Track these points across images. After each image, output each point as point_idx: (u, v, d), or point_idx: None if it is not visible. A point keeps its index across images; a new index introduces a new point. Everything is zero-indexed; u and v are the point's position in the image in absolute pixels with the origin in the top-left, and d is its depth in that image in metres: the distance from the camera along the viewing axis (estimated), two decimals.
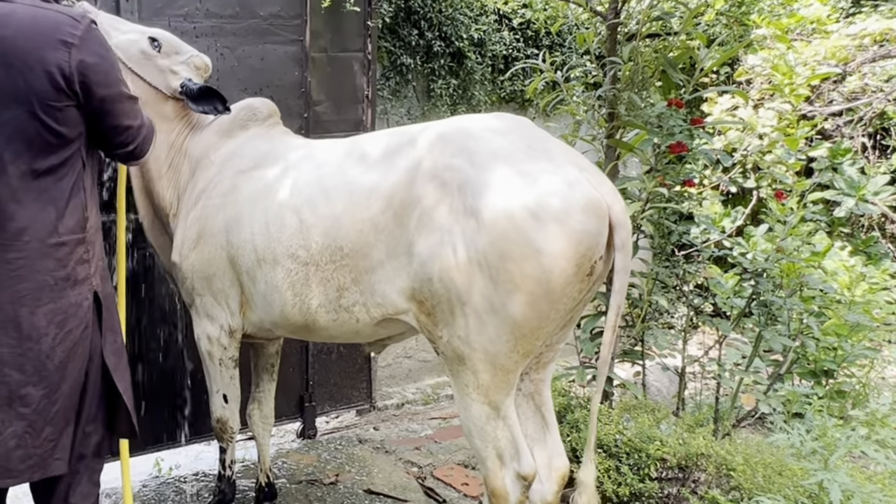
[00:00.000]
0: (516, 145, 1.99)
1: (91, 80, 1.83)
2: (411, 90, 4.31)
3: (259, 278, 2.40)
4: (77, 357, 1.91)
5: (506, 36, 4.62)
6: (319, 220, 2.24)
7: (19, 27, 1.76)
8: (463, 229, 1.93)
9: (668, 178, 2.85)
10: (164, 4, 3.22)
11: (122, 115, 1.96)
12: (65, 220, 1.86)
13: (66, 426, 1.93)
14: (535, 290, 1.88)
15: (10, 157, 1.79)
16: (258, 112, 2.70)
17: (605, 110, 2.98)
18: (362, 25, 3.73)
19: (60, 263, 1.85)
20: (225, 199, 2.49)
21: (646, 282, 2.88)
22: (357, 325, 2.27)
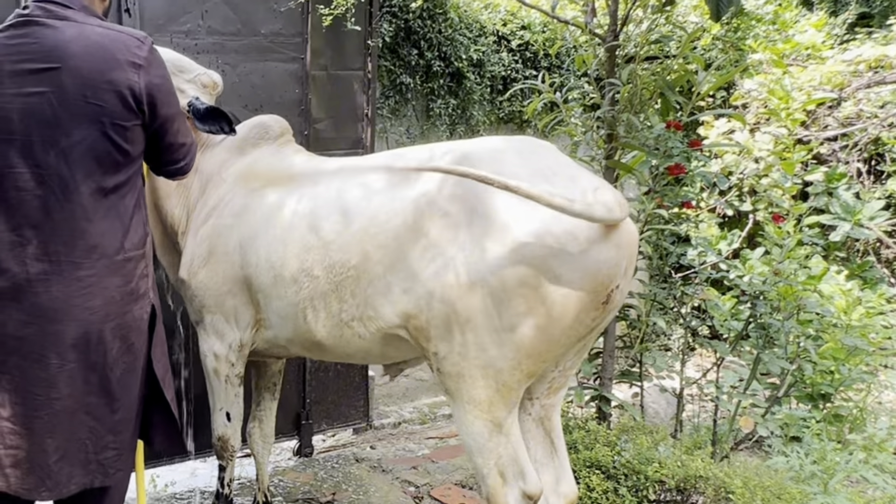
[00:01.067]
0: (537, 170, 1.98)
1: (157, 100, 1.89)
2: (411, 109, 4.36)
3: (274, 296, 2.40)
4: (136, 369, 1.96)
5: (504, 57, 4.69)
6: (337, 237, 2.25)
7: (90, 48, 1.82)
8: (473, 251, 1.92)
9: (667, 199, 2.89)
10: (165, 21, 3.26)
11: (179, 133, 2.04)
12: (129, 236, 1.91)
13: (131, 439, 1.99)
14: (547, 316, 1.86)
15: (81, 176, 1.83)
16: (270, 130, 2.71)
17: (604, 131, 3.02)
18: (363, 44, 3.77)
19: (126, 279, 1.90)
20: (238, 219, 2.49)
21: (644, 303, 2.91)
22: (362, 343, 2.26)
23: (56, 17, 1.85)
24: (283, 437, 3.65)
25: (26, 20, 1.86)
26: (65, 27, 1.84)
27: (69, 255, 1.84)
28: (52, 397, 1.84)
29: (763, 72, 5.50)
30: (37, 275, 1.83)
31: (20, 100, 1.81)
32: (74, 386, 1.86)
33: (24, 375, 1.84)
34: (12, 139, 1.83)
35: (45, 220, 1.83)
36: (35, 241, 1.83)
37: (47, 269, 1.83)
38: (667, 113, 3.03)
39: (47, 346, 1.83)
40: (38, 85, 1.81)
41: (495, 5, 4.78)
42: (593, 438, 2.75)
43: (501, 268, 1.89)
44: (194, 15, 3.30)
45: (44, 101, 1.81)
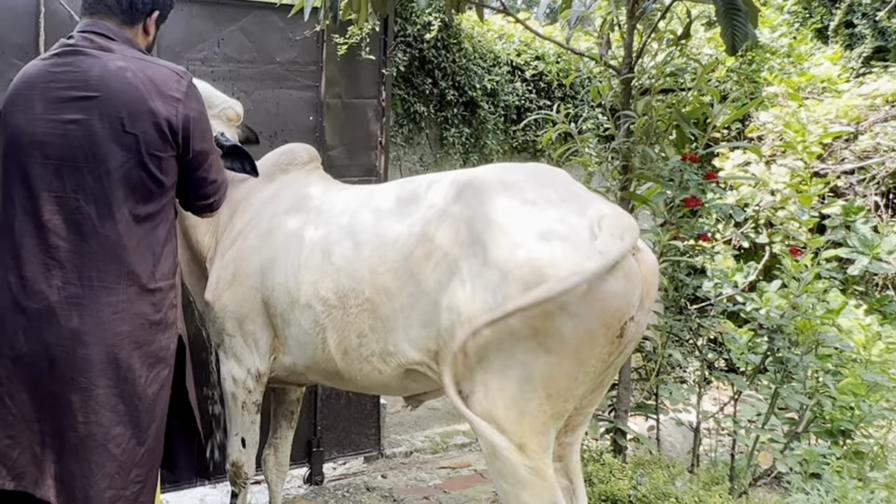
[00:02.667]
0: (547, 198, 1.98)
1: (192, 133, 1.98)
2: (424, 138, 4.45)
3: (292, 321, 2.44)
4: (162, 400, 2.02)
5: (519, 87, 4.79)
6: (347, 264, 2.28)
7: (131, 79, 1.91)
8: (484, 283, 1.92)
9: (682, 231, 2.94)
10: (182, 48, 3.38)
11: (211, 168, 2.12)
12: (160, 265, 1.99)
13: (153, 469, 2.02)
14: (559, 350, 1.85)
15: (116, 203, 1.91)
16: (298, 157, 2.81)
17: (619, 163, 3.08)
18: (377, 73, 3.87)
19: (156, 308, 1.97)
20: (261, 242, 2.56)
21: (659, 335, 2.94)
22: (382, 377, 2.27)
23: (100, 48, 1.95)
24: (294, 465, 3.65)
25: (71, 49, 1.95)
26: (107, 58, 1.94)
27: (101, 280, 1.90)
28: (80, 421, 1.89)
29: (778, 104, 5.58)
30: (68, 298, 1.89)
31: (60, 126, 1.90)
32: (102, 413, 1.90)
33: (55, 397, 1.90)
34: (49, 164, 1.91)
35: (79, 244, 1.90)
36: (68, 265, 1.89)
37: (79, 293, 1.89)
38: (682, 145, 3.09)
39: (77, 369, 1.89)
40: (78, 112, 1.89)
41: (509, 36, 4.88)
42: (608, 471, 2.75)
43: (508, 300, 1.87)
44: (210, 43, 3.42)
45: (83, 127, 1.89)
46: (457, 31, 4.42)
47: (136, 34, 2.07)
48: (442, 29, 4.28)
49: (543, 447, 1.96)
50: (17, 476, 1.92)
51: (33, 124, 1.92)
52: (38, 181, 1.92)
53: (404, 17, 4.18)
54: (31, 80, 1.97)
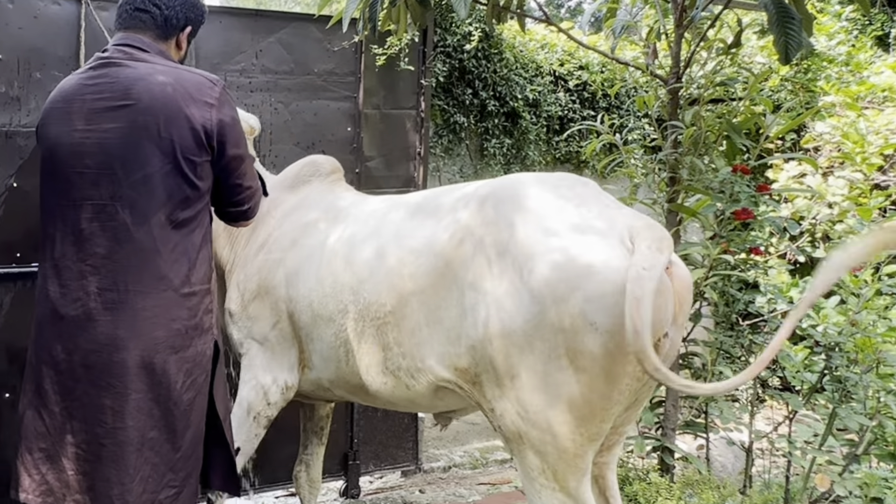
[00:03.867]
0: (575, 209, 1.98)
1: (226, 139, 2.09)
2: (464, 148, 4.54)
3: (315, 335, 2.49)
4: (198, 406, 2.10)
5: (561, 97, 4.87)
6: (370, 276, 2.32)
7: (166, 86, 2.02)
8: (510, 297, 1.92)
9: (733, 245, 2.98)
10: (220, 60, 3.54)
11: (244, 175, 2.22)
12: (196, 270, 2.08)
13: (189, 477, 2.10)
14: (590, 367, 1.84)
15: (153, 208, 2.01)
16: (321, 168, 2.89)
17: (666, 174, 3.14)
18: (416, 84, 3.97)
19: (191, 312, 2.06)
20: (285, 254, 2.62)
21: (709, 351, 2.98)
22: (409, 393, 2.29)
23: (134, 59, 2.07)
24: (330, 478, 3.75)
25: (106, 62, 2.07)
26: (142, 67, 2.05)
27: (136, 285, 1.99)
28: (117, 426, 1.97)
29: (836, 114, 5.59)
30: (104, 304, 1.98)
31: (97, 135, 2.00)
32: (138, 418, 1.98)
33: (91, 403, 1.99)
34: (87, 173, 2.01)
35: (115, 250, 1.99)
36: (104, 271, 1.99)
37: (115, 297, 1.99)
38: (733, 156, 3.13)
39: (113, 374, 1.97)
40: (115, 121, 2.00)
41: (552, 45, 4.96)
42: (655, 491, 2.76)
43: (533, 316, 1.88)
44: (248, 54, 3.58)
45: (119, 135, 1.99)
46: (498, 41, 4.52)
47: (169, 47, 2.21)
48: (482, 39, 4.37)
49: (581, 470, 1.95)
50: (44, 492, 2.00)
51: (71, 136, 2.03)
52: (76, 191, 2.02)
53: (444, 28, 4.29)
54: (67, 94, 2.09)
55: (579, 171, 5.09)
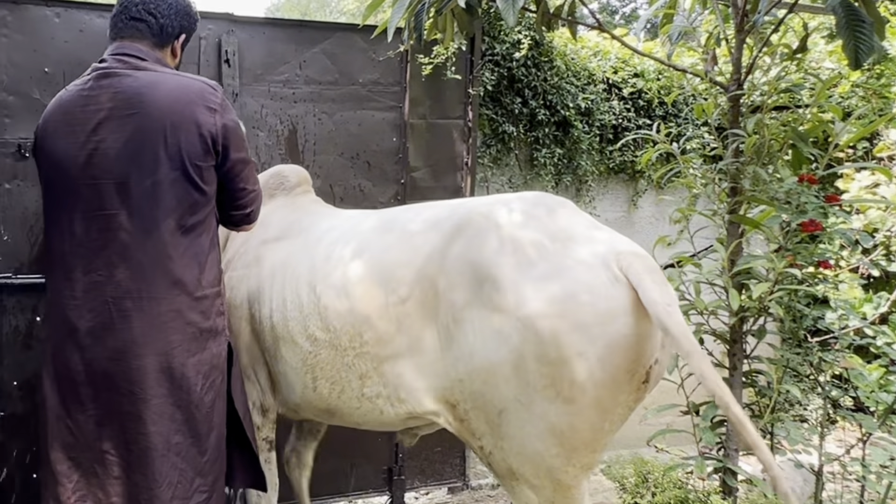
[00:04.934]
0: (556, 233, 1.97)
1: (230, 142, 2.17)
2: (513, 158, 4.58)
3: (279, 357, 2.49)
4: (219, 408, 2.19)
5: (615, 105, 4.87)
6: (337, 301, 2.29)
7: (168, 93, 2.10)
8: (493, 327, 1.92)
9: (800, 258, 2.95)
10: (263, 71, 3.62)
11: (247, 178, 2.30)
12: (206, 273, 2.17)
13: (217, 480, 2.18)
14: (579, 398, 1.84)
15: (162, 214, 2.09)
16: (287, 180, 2.89)
17: (727, 184, 3.14)
18: (463, 93, 4.01)
19: (204, 315, 2.15)
20: (248, 271, 2.63)
21: (775, 369, 2.96)
22: (382, 417, 2.30)
23: (133, 68, 2.14)
24: (374, 493, 3.83)
25: (105, 72, 2.14)
26: (142, 75, 2.12)
27: (150, 291, 2.07)
28: (141, 432, 2.06)
29: None
30: (120, 312, 2.07)
31: (104, 146, 2.08)
32: (161, 423, 2.06)
33: (115, 411, 2.07)
34: (93, 184, 2.09)
35: (128, 258, 2.07)
36: (118, 279, 2.07)
37: (130, 305, 2.07)
38: (799, 165, 3.10)
39: (133, 381, 2.06)
40: (121, 131, 2.07)
41: (605, 53, 4.98)
42: None
43: (518, 346, 1.87)
44: (292, 65, 3.65)
45: (126, 145, 2.06)
46: (548, 48, 4.53)
47: (165, 55, 2.30)
48: (532, 47, 4.41)
49: (578, 501, 1.96)
50: (80, 498, 2.08)
51: (76, 148, 2.10)
52: (83, 203, 2.10)
53: (492, 36, 4.32)
54: (66, 106, 2.16)
55: (634, 181, 5.08)
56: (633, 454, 4.44)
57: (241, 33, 3.58)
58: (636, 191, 5.15)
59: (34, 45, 3.24)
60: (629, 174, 5.05)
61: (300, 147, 3.71)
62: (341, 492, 3.83)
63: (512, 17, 2.55)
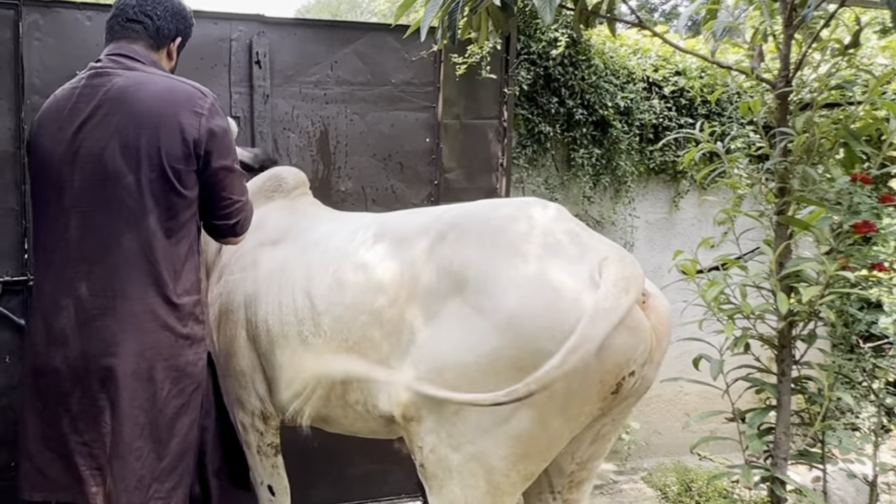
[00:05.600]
0: (543, 238, 1.98)
1: (213, 149, 2.20)
2: (550, 159, 4.58)
3: (274, 362, 2.52)
4: (186, 416, 2.21)
5: (656, 104, 4.85)
6: (330, 307, 2.33)
7: (156, 95, 2.15)
8: (470, 330, 1.93)
9: (852, 260, 2.90)
10: (294, 72, 3.66)
11: (230, 187, 2.31)
12: (182, 280, 2.21)
13: (176, 489, 2.20)
14: (545, 405, 1.83)
15: (140, 215, 2.13)
16: (285, 182, 2.93)
17: (775, 185, 3.15)
18: (498, 93, 4.03)
19: (181, 322, 2.19)
20: (245, 274, 2.66)
21: (826, 375, 2.93)
22: (369, 424, 2.34)
23: (126, 69, 2.20)
24: (407, 498, 3.86)
25: (99, 72, 2.21)
26: (132, 76, 2.18)
27: (124, 291, 2.12)
28: (105, 432, 2.11)
29: None
30: (95, 310, 2.11)
31: (87, 143, 2.13)
32: (125, 424, 2.10)
33: (87, 409, 2.12)
34: (77, 180, 2.15)
35: (105, 256, 2.12)
36: (94, 277, 2.12)
37: (104, 304, 2.11)
38: (851, 164, 3.04)
39: (102, 379, 2.10)
40: (105, 129, 2.13)
41: (646, 50, 4.97)
42: None
43: (492, 349, 1.88)
44: (323, 66, 3.70)
45: (108, 143, 2.12)
46: (586, 47, 4.52)
47: (161, 58, 2.36)
48: (569, 45, 4.41)
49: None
50: (62, 487, 2.15)
51: (62, 144, 2.17)
52: (66, 199, 2.16)
53: (528, 35, 4.33)
54: (59, 103, 2.24)
55: (676, 181, 5.04)
56: (675, 462, 4.43)
57: (271, 34, 3.63)
58: (678, 192, 5.11)
59: (66, 48, 3.33)
60: (670, 175, 5.03)
61: (332, 148, 3.77)
62: (373, 496, 3.85)
63: (549, 14, 2.55)
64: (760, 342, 3.07)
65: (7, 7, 3.27)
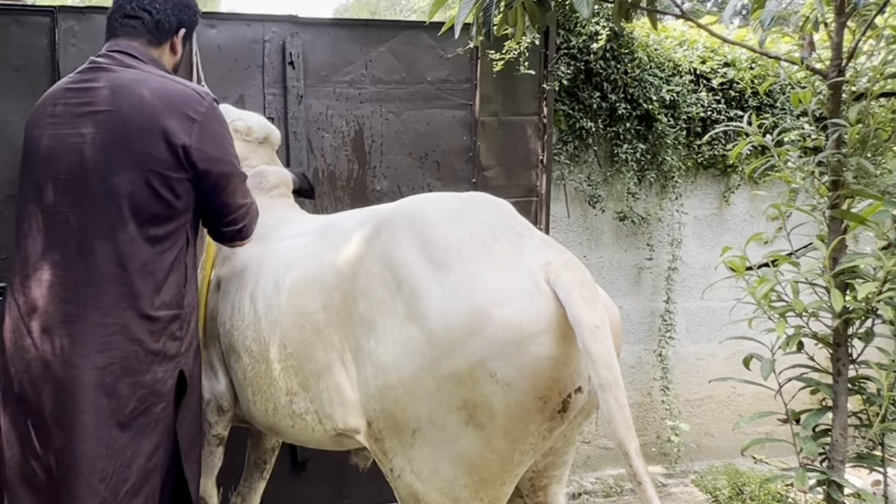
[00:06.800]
0: (480, 238, 1.92)
1: (209, 156, 2.16)
2: (592, 155, 4.63)
3: (230, 367, 2.55)
4: (152, 435, 2.15)
5: (704, 97, 4.84)
6: (268, 312, 2.32)
7: (147, 96, 2.12)
8: (406, 338, 1.88)
9: None
10: (329, 72, 3.75)
11: (234, 193, 2.28)
12: (162, 293, 2.15)
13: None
14: (488, 424, 1.80)
15: (119, 222, 2.09)
16: (264, 181, 2.94)
17: (828, 178, 3.18)
18: (537, 88, 4.11)
19: (153, 337, 2.13)
20: (218, 270, 2.71)
21: (886, 374, 2.93)
22: (315, 435, 2.30)
23: (123, 65, 2.17)
24: None
25: (96, 66, 2.19)
26: (126, 74, 2.15)
27: (97, 300, 2.06)
28: (67, 448, 2.05)
29: None
30: (62, 316, 2.06)
31: (74, 140, 2.11)
32: (87, 442, 2.05)
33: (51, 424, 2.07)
34: (59, 179, 2.11)
35: (77, 262, 2.07)
36: (66, 282, 2.08)
37: (73, 311, 2.06)
38: None
39: (66, 391, 2.05)
40: (89, 126, 2.10)
41: (692, 42, 4.98)
42: None
43: (429, 362, 1.83)
44: (358, 65, 3.79)
45: (93, 142, 2.09)
46: (628, 40, 4.57)
47: (162, 53, 2.33)
48: (611, 39, 4.45)
49: None
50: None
51: (50, 139, 2.15)
52: (47, 197, 2.13)
53: (567, 29, 4.38)
54: (53, 98, 2.22)
55: (726, 176, 5.05)
56: (726, 465, 4.46)
57: (305, 35, 3.73)
58: (728, 186, 5.11)
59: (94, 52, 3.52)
60: (720, 169, 5.03)
61: (367, 148, 3.87)
62: None
63: (586, 8, 2.57)
64: (815, 341, 3.09)
65: (44, 14, 3.43)
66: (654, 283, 4.90)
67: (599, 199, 4.62)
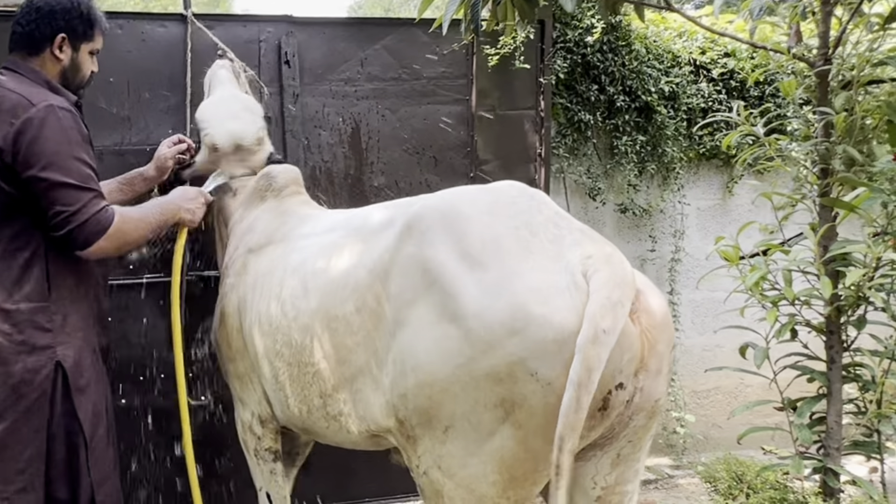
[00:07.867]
0: (517, 232, 1.93)
1: (30, 162, 2.33)
2: (591, 147, 4.75)
3: (260, 372, 2.59)
4: (30, 423, 2.30)
5: (704, 88, 4.98)
6: (299, 315, 2.35)
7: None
8: (441, 337, 1.89)
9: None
10: (324, 70, 3.87)
11: (53, 197, 2.36)
12: (22, 286, 2.35)
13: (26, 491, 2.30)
14: (527, 423, 1.81)
15: None
16: (275, 181, 2.99)
17: (818, 166, 3.21)
18: (534, 82, 4.21)
19: (16, 328, 2.31)
20: (237, 279, 2.74)
21: (879, 361, 3.00)
22: (350, 437, 2.34)
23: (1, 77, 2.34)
24: None
25: None
26: None
27: None
28: None
29: None
30: None
31: None
32: None
33: None
34: None
35: None
36: None
37: None
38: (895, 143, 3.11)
39: None
40: None
41: (692, 33, 5.10)
42: None
43: (467, 361, 1.84)
44: (353, 63, 3.90)
45: None
46: (625, 32, 4.70)
47: (42, 63, 2.51)
48: (607, 31, 4.58)
49: None
50: None
51: None
52: None
53: (563, 22, 4.50)
54: None
55: (729, 166, 5.16)
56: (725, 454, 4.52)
57: (300, 34, 3.85)
58: (731, 177, 5.21)
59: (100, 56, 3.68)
60: (722, 160, 5.13)
61: (363, 144, 3.97)
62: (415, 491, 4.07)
63: (570, 3, 2.70)
64: (808, 328, 3.18)
65: None
66: (658, 274, 4.99)
67: (600, 192, 4.73)
